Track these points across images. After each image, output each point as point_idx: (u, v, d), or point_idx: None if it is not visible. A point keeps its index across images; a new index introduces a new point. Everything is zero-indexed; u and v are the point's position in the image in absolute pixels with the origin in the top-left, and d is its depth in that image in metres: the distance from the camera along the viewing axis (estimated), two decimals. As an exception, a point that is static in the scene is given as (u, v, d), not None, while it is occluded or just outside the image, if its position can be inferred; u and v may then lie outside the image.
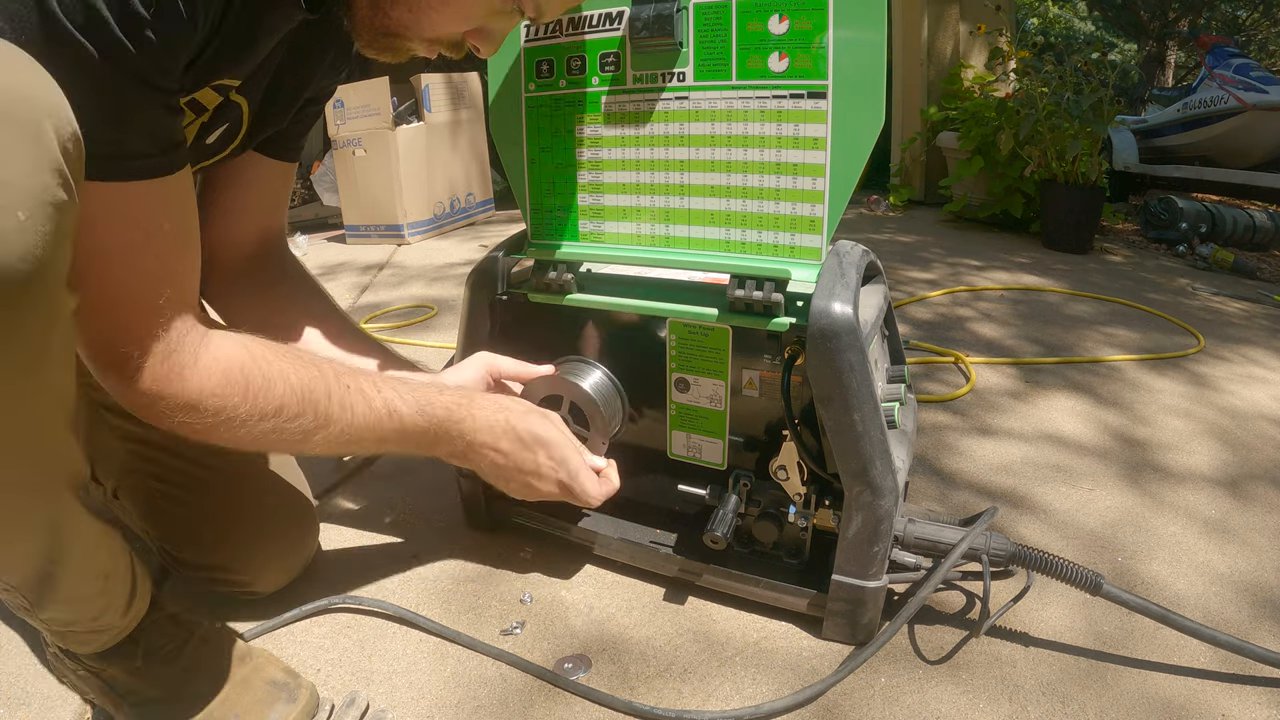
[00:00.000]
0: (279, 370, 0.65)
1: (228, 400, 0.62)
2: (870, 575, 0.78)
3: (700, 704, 0.75)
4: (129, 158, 0.53)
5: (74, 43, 0.47)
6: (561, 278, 0.87)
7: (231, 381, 0.62)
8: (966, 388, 1.50)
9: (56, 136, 0.43)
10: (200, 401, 0.61)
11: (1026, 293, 2.21)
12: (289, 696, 0.70)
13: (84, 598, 0.61)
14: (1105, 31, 14.43)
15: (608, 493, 0.83)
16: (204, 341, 0.61)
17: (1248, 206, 3.61)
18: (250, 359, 0.64)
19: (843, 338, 0.71)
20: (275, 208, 0.87)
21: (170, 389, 0.59)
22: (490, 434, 0.77)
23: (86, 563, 0.59)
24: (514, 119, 0.90)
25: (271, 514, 0.88)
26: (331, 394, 0.68)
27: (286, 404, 0.65)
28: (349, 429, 0.69)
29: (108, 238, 0.54)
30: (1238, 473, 1.21)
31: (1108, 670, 0.80)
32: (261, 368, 0.64)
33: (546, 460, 0.79)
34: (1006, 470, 1.20)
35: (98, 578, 0.61)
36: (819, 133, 0.76)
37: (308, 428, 0.67)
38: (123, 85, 0.50)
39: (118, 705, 0.69)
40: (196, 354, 0.61)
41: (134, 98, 0.52)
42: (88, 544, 0.59)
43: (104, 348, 0.58)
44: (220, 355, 0.62)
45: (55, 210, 0.44)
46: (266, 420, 0.64)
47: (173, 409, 0.60)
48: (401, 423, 0.72)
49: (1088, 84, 2.83)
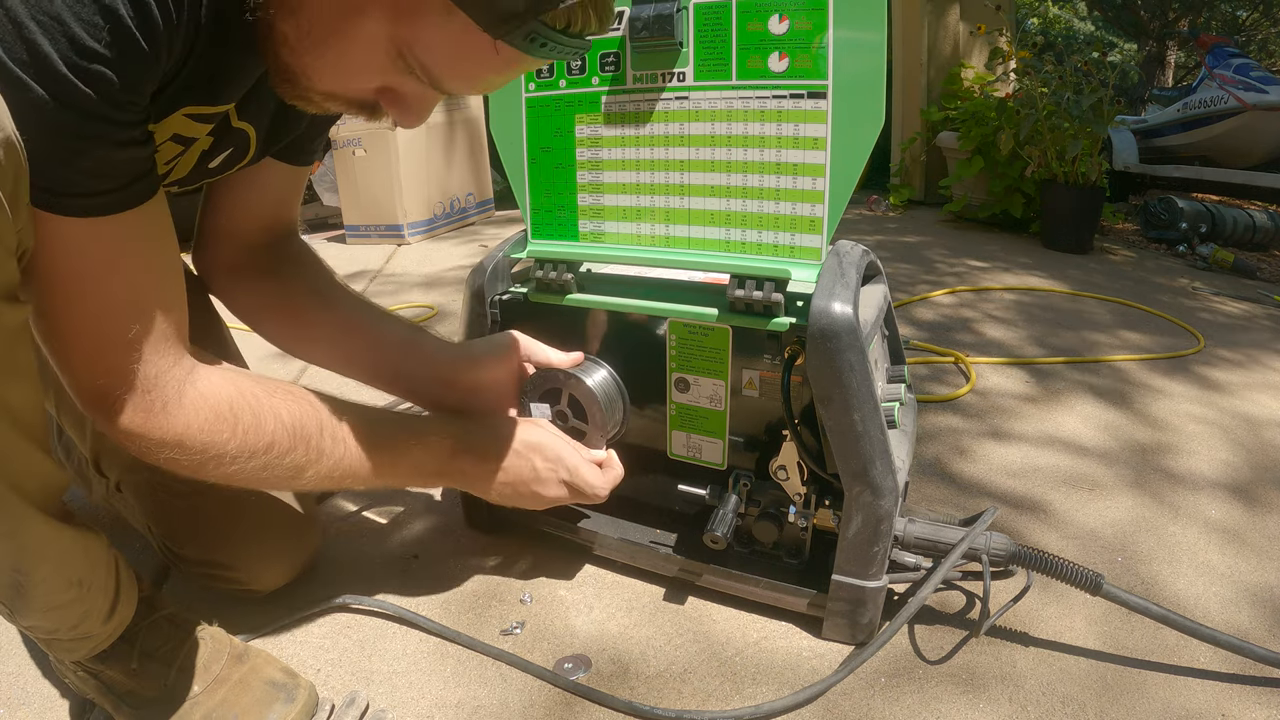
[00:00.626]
0: (269, 406, 0.64)
1: (216, 437, 0.60)
2: (870, 575, 0.78)
3: (700, 704, 0.75)
4: (79, 195, 0.51)
5: (18, 82, 0.44)
6: (561, 278, 0.87)
7: (220, 418, 0.61)
8: (966, 388, 1.50)
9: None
10: (186, 438, 0.59)
11: (1026, 293, 2.21)
12: (287, 696, 0.70)
13: (59, 606, 0.60)
14: (1105, 31, 14.43)
15: (613, 480, 0.83)
16: (189, 377, 0.60)
17: (1248, 206, 3.61)
18: (239, 395, 0.63)
19: (843, 338, 0.71)
20: (287, 205, 0.87)
21: (152, 425, 0.58)
22: (484, 454, 0.78)
23: (56, 572, 0.58)
24: (514, 119, 0.90)
25: (274, 512, 0.88)
26: (324, 428, 0.67)
27: (278, 440, 0.64)
28: (342, 463, 0.69)
29: (67, 269, 0.53)
30: (1240, 474, 1.21)
31: (1107, 670, 0.80)
32: (251, 404, 0.63)
33: (543, 463, 0.79)
34: (1006, 470, 1.20)
35: (70, 586, 0.59)
36: (819, 133, 0.76)
37: (300, 463, 0.66)
38: (72, 124, 0.47)
39: (116, 706, 0.69)
40: (181, 389, 0.59)
41: (88, 137, 0.49)
42: (55, 554, 0.57)
43: (81, 382, 0.57)
44: (208, 391, 0.61)
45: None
46: (257, 457, 0.63)
47: (157, 445, 0.59)
48: (396, 462, 0.73)
49: (1088, 84, 2.83)
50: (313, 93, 0.58)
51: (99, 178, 0.51)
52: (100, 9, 0.45)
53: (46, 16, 0.44)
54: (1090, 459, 1.25)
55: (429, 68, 0.54)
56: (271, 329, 0.86)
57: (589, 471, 0.81)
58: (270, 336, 0.87)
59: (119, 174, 0.52)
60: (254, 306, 0.85)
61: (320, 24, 0.53)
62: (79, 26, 0.45)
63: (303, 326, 0.86)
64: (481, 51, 0.52)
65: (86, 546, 0.61)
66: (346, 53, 0.54)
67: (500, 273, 0.93)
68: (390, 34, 0.53)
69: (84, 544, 0.60)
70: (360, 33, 0.53)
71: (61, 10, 0.44)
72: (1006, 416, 1.40)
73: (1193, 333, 1.89)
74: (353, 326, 0.86)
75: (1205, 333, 1.88)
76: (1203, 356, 1.74)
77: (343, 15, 0.52)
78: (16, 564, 0.55)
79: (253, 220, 0.83)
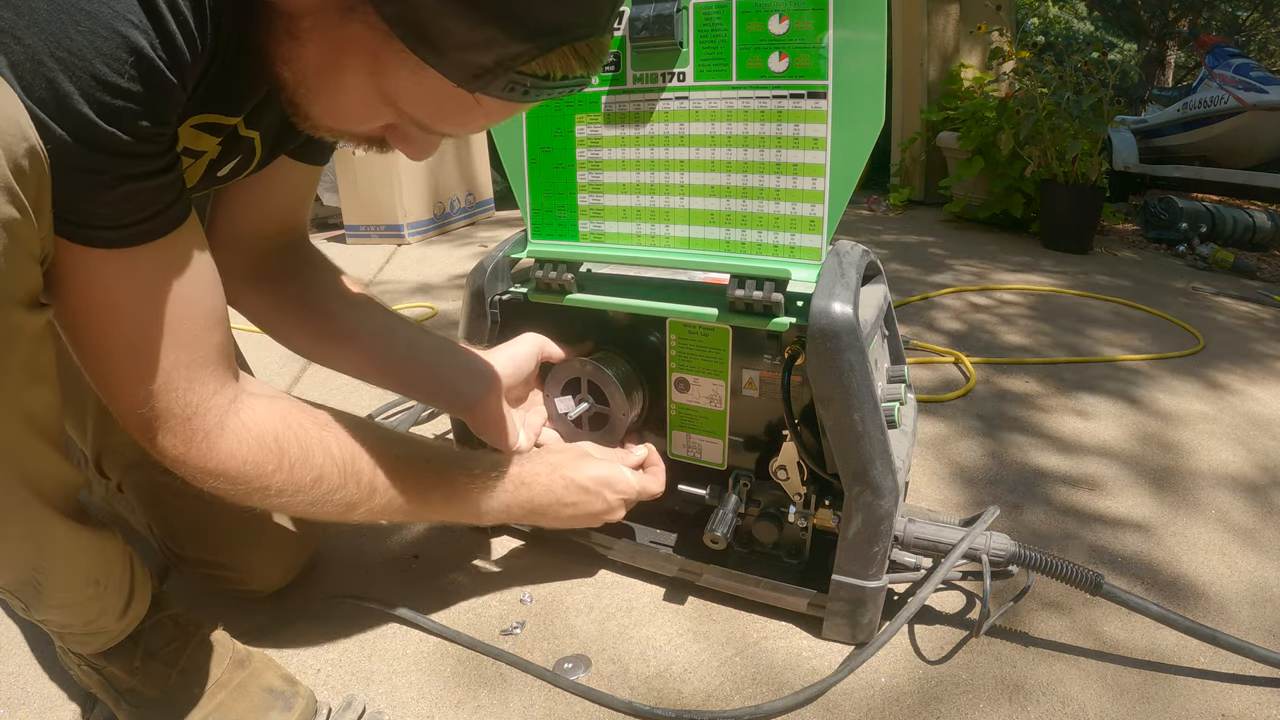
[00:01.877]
0: (319, 440, 0.63)
1: (261, 469, 0.59)
2: (870, 575, 0.78)
3: (700, 704, 0.75)
4: (108, 227, 0.49)
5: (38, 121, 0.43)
6: (561, 278, 0.87)
7: (265, 450, 0.59)
8: (966, 388, 1.50)
9: (5, 150, 0.41)
10: (228, 469, 0.58)
11: (1026, 293, 2.21)
12: (285, 704, 0.70)
13: (75, 603, 0.61)
14: (1105, 31, 14.42)
15: (663, 477, 0.88)
16: (232, 406, 0.59)
17: (1248, 206, 3.61)
18: (286, 427, 0.61)
19: (843, 338, 0.71)
20: (300, 206, 0.86)
21: (194, 454, 0.57)
22: (552, 495, 0.79)
23: (74, 571, 0.59)
24: (514, 119, 0.90)
25: (274, 513, 0.88)
26: (378, 465, 0.66)
27: (326, 475, 0.63)
28: (395, 501, 0.68)
29: (101, 300, 0.52)
30: (1241, 473, 1.21)
31: (1108, 670, 0.80)
32: (299, 436, 0.62)
33: (613, 495, 0.83)
34: (1006, 470, 1.20)
35: (87, 584, 0.60)
36: (819, 133, 0.76)
37: (351, 500, 0.65)
38: (97, 163, 0.46)
39: (117, 703, 0.70)
40: (223, 419, 0.58)
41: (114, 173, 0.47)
42: (73, 554, 0.58)
43: (124, 411, 0.56)
44: (251, 422, 0.59)
45: (3, 229, 0.42)
46: (304, 492, 0.62)
47: (201, 474, 0.58)
48: (450, 498, 0.73)
49: (1088, 84, 2.83)
50: (321, 129, 0.58)
51: (127, 210, 0.50)
52: (125, 43, 0.43)
53: (67, 53, 0.42)
54: (1090, 459, 1.25)
55: (417, 118, 0.54)
56: (288, 333, 0.85)
57: (649, 482, 0.86)
58: (286, 341, 0.86)
59: (148, 205, 0.51)
60: (268, 310, 0.84)
61: (311, 76, 0.53)
62: (101, 62, 0.43)
63: (327, 331, 0.85)
64: (462, 103, 0.52)
65: (103, 546, 0.61)
66: (340, 101, 0.54)
67: (500, 273, 0.93)
68: (375, 85, 0.52)
69: (100, 543, 0.61)
70: (348, 85, 0.53)
71: (84, 46, 0.42)
72: (1006, 417, 1.39)
73: (1193, 333, 1.89)
74: (380, 332, 0.86)
75: (1205, 333, 1.88)
76: (1203, 356, 1.74)
77: (328, 70, 0.52)
78: (36, 563, 0.55)
79: (266, 222, 0.83)
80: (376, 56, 0.50)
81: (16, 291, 0.45)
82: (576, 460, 0.82)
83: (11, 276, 0.44)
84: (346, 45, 0.50)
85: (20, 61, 0.42)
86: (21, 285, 0.46)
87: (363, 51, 0.50)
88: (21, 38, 0.42)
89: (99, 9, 0.43)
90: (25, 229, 0.44)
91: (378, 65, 0.51)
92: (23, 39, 0.42)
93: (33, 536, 0.54)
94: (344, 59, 0.51)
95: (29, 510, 0.52)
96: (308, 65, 0.52)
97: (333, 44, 0.51)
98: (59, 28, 0.42)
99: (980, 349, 1.73)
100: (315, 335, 0.86)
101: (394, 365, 0.85)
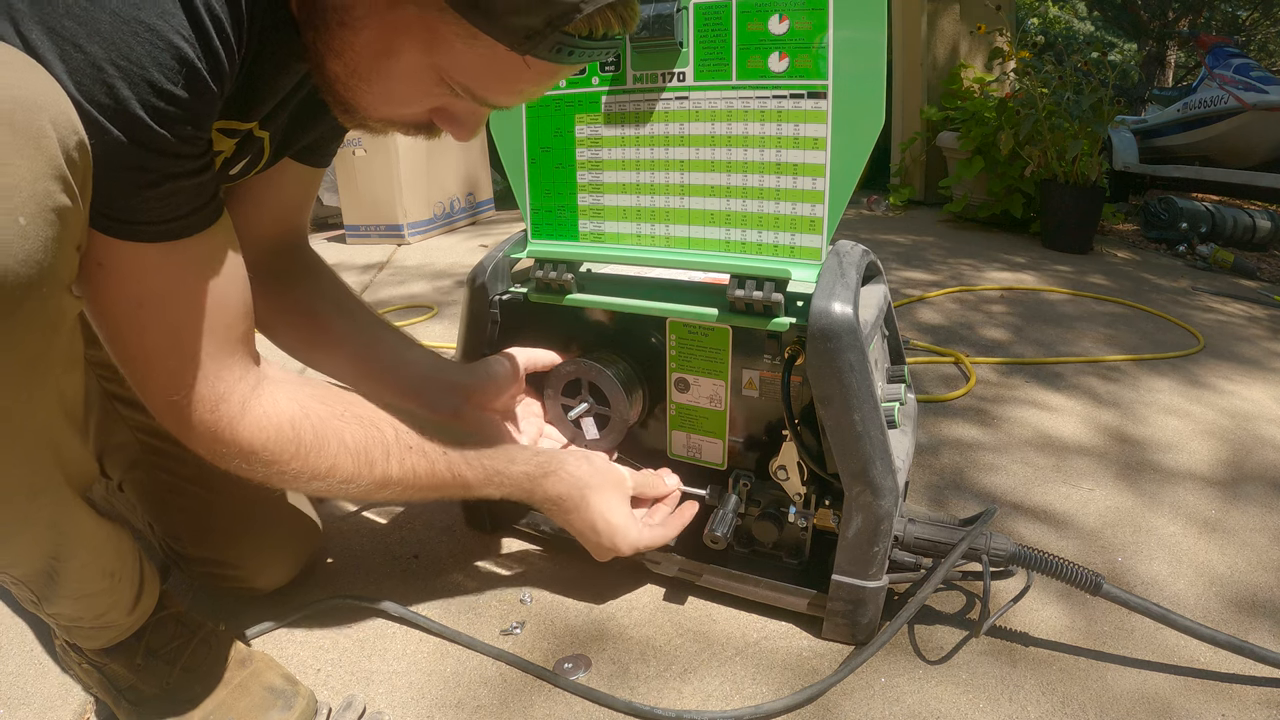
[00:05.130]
0: (334, 429, 0.65)
1: (278, 455, 0.62)
2: (870, 575, 0.78)
3: (700, 704, 0.75)
4: (150, 222, 0.52)
5: (95, 124, 0.46)
6: (561, 278, 0.87)
7: (282, 436, 0.62)
8: (966, 387, 1.50)
9: (59, 142, 0.43)
10: (250, 453, 0.61)
11: (1027, 293, 2.21)
12: (285, 704, 0.70)
13: (89, 595, 0.62)
14: (1105, 31, 14.42)
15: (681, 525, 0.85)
16: (254, 392, 0.61)
17: (1248, 206, 3.61)
18: (303, 414, 0.64)
19: (843, 338, 0.71)
20: (301, 209, 0.87)
21: (222, 438, 0.60)
22: (559, 507, 0.80)
23: (91, 562, 0.60)
24: (514, 119, 0.90)
25: (276, 511, 0.88)
26: (390, 454, 0.68)
27: (339, 464, 0.65)
28: (410, 488, 0.71)
29: (139, 292, 0.54)
30: (1236, 473, 1.21)
31: (1108, 670, 0.80)
32: (314, 424, 0.64)
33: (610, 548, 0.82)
34: (1006, 470, 1.20)
35: (103, 576, 0.62)
36: (819, 133, 0.76)
37: (366, 487, 0.68)
38: (146, 162, 0.49)
39: (117, 701, 0.70)
40: (245, 404, 0.60)
41: (161, 172, 0.50)
42: (92, 544, 0.59)
43: (155, 399, 0.58)
44: (271, 410, 0.62)
45: (57, 216, 0.44)
46: (319, 479, 0.65)
47: (228, 455, 0.61)
48: (468, 488, 0.75)
49: (1088, 84, 2.83)
50: (370, 121, 0.61)
51: (171, 207, 0.53)
52: (177, 54, 0.47)
53: (127, 61, 0.46)
54: (1091, 459, 1.25)
55: (470, 88, 0.57)
56: (285, 336, 0.87)
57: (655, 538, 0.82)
58: (282, 344, 0.88)
59: (189, 202, 0.54)
60: (265, 312, 0.84)
61: (364, 63, 0.56)
62: (157, 70, 0.47)
63: (319, 337, 0.87)
64: (514, 68, 0.54)
65: (118, 538, 0.63)
66: (394, 86, 0.57)
67: (500, 273, 0.93)
68: (429, 63, 0.55)
69: (115, 536, 0.63)
70: (401, 68, 0.55)
71: (143, 56, 0.46)
72: (1007, 417, 1.39)
73: (1192, 333, 1.89)
74: (370, 342, 0.88)
75: (1205, 333, 1.88)
76: (1202, 357, 1.74)
77: (382, 55, 0.55)
78: (55, 551, 0.57)
79: (267, 223, 0.83)
80: (431, 30, 0.52)
81: (66, 277, 0.48)
82: (602, 491, 0.80)
83: (61, 262, 0.46)
84: (400, 25, 0.53)
85: (79, 68, 0.45)
86: (68, 272, 0.48)
87: (417, 27, 0.53)
88: (83, 46, 0.45)
89: (157, 23, 0.46)
90: (74, 217, 0.46)
91: (432, 40, 0.53)
92: (84, 47, 0.45)
93: (58, 523, 0.55)
94: (398, 39, 0.54)
95: (60, 495, 0.55)
96: (361, 53, 0.55)
97: (387, 26, 0.53)
98: (120, 38, 0.45)
99: (980, 349, 1.73)
100: (306, 340, 0.88)
101: (378, 375, 0.88)
